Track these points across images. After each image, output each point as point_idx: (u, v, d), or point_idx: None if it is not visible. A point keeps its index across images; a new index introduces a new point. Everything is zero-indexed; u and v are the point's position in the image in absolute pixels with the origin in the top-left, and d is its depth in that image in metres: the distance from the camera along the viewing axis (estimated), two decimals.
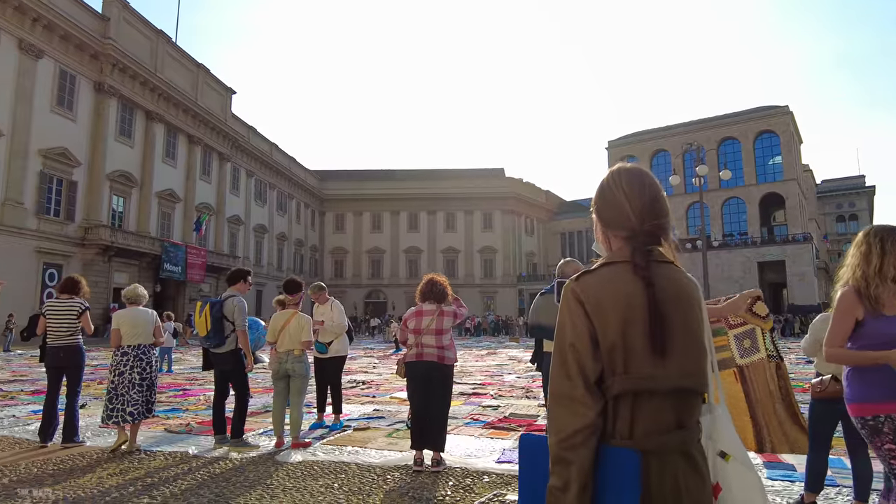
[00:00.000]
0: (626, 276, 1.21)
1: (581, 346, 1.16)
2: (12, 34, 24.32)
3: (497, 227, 57.76)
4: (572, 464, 1.09)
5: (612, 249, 1.31)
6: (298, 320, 5.17)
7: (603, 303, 1.18)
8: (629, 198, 1.29)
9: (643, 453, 1.11)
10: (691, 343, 1.21)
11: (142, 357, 5.15)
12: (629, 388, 1.14)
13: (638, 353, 1.16)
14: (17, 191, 24.23)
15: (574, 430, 1.11)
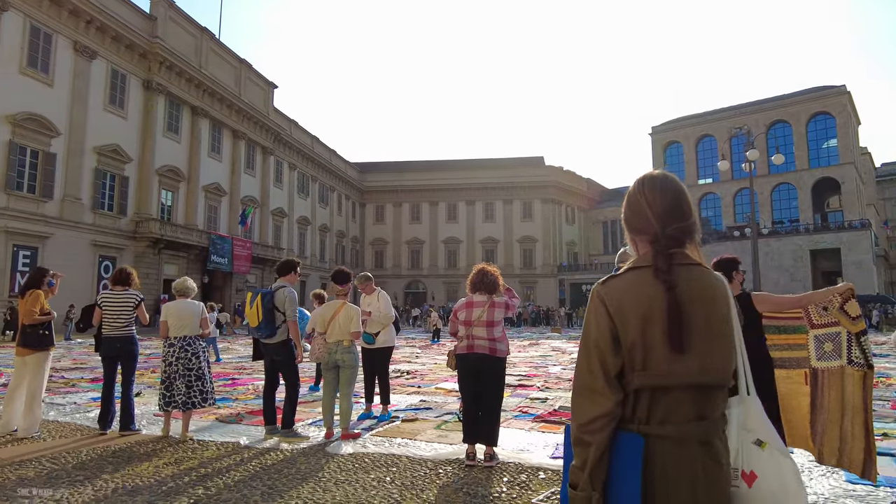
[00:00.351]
0: (648, 280, 1.29)
1: (603, 344, 1.27)
2: (68, 37, 25.26)
3: (537, 217, 57.03)
4: (590, 445, 1.23)
5: (639, 254, 1.39)
6: (348, 311, 5.12)
7: (625, 305, 1.27)
8: (651, 204, 1.36)
9: (661, 440, 1.22)
10: (714, 341, 1.28)
11: (187, 348, 5.21)
12: (647, 384, 1.25)
13: (657, 352, 1.25)
14: (75, 187, 25.27)
15: (593, 417, 1.24)
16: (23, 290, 5.46)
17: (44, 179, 23.83)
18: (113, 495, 3.48)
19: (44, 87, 24.18)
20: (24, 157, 23.22)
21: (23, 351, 5.29)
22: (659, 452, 1.21)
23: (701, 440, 1.24)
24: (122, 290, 5.50)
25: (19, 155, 22.95)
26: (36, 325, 5.32)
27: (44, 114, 23.87)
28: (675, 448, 1.22)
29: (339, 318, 5.09)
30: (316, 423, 5.77)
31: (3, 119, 22.27)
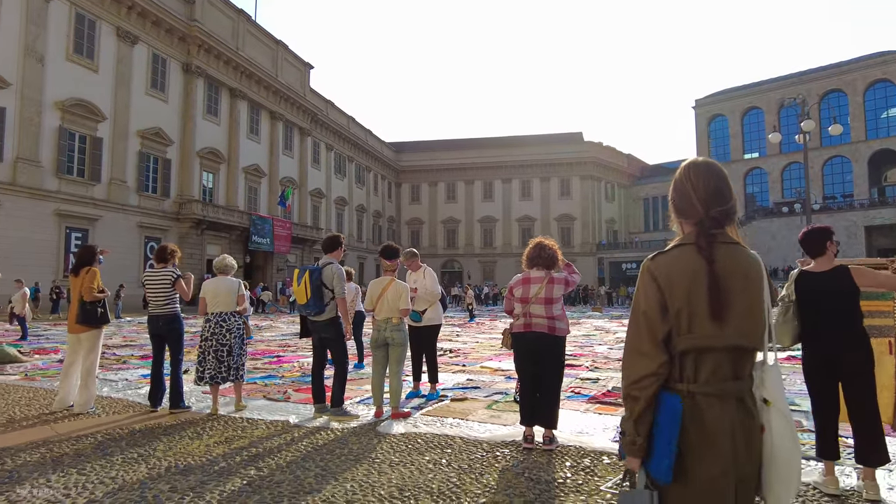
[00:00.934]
0: (692, 256, 1.47)
1: (651, 312, 1.45)
2: (111, 23, 25.70)
3: (575, 194, 55.96)
4: (638, 400, 1.44)
5: (683, 233, 1.55)
6: (396, 287, 4.95)
7: (672, 277, 1.45)
8: (696, 189, 1.52)
9: (706, 397, 1.41)
10: (748, 309, 1.45)
11: (221, 324, 5.16)
12: (692, 346, 1.43)
13: (700, 318, 1.43)
14: (121, 170, 25.92)
15: (642, 376, 1.44)
16: (76, 268, 5.47)
17: (92, 163, 24.50)
18: (166, 474, 3.41)
19: (89, 73, 24.72)
20: (73, 142, 23.88)
21: (79, 328, 5.32)
22: (705, 407, 1.41)
23: (737, 397, 1.44)
24: (162, 267, 5.47)
25: (69, 140, 23.61)
26: (94, 303, 5.35)
27: (90, 99, 24.44)
28: (717, 403, 1.41)
29: (387, 294, 4.92)
30: (364, 401, 5.66)
31: (54, 105, 22.89)
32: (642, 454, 1.45)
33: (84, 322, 5.30)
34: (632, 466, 1.47)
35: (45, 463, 3.63)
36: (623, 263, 53.95)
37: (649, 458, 1.45)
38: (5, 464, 3.62)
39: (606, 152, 58.55)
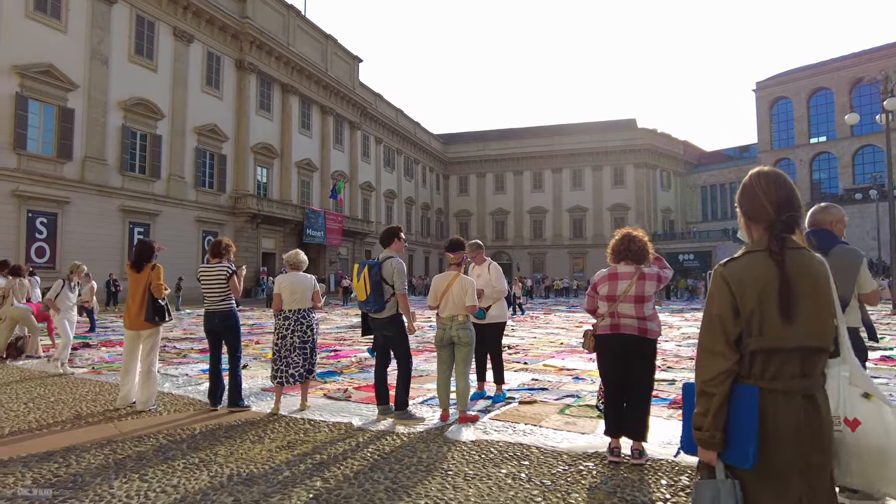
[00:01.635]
0: (763, 261, 1.57)
1: (724, 315, 1.57)
2: (168, 23, 26.42)
3: (629, 183, 54.26)
4: (714, 396, 1.54)
5: (752, 238, 1.66)
6: (462, 283, 4.62)
7: (744, 282, 1.56)
8: (767, 195, 1.63)
9: (772, 393, 1.52)
10: (817, 311, 1.55)
11: (301, 321, 4.99)
12: (762, 347, 1.54)
13: (770, 320, 1.53)
14: (179, 166, 26.71)
15: (716, 374, 1.55)
16: (137, 263, 5.37)
17: (152, 160, 25.32)
18: (228, 484, 3.21)
19: (149, 72, 25.51)
20: (135, 140, 24.72)
21: (143, 325, 5.24)
22: (770, 402, 1.51)
23: (804, 394, 1.52)
24: (217, 262, 5.32)
25: (131, 138, 24.45)
26: (159, 299, 5.29)
27: (150, 98, 25.23)
28: (783, 399, 1.51)
29: (452, 291, 4.60)
30: (428, 401, 5.38)
31: (117, 105, 23.74)
32: (721, 448, 1.54)
33: (151, 319, 5.23)
34: (708, 459, 1.56)
35: (107, 466, 3.51)
36: (680, 255, 51.98)
37: (729, 449, 1.54)
38: (70, 465, 3.52)
39: (661, 139, 56.47)
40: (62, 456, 3.71)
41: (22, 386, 6.26)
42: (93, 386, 6.32)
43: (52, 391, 5.97)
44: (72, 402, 5.46)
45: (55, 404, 5.32)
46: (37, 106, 20.86)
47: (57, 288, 7.69)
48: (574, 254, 54.27)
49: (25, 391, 5.98)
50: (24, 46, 20.33)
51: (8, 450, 3.86)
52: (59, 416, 4.87)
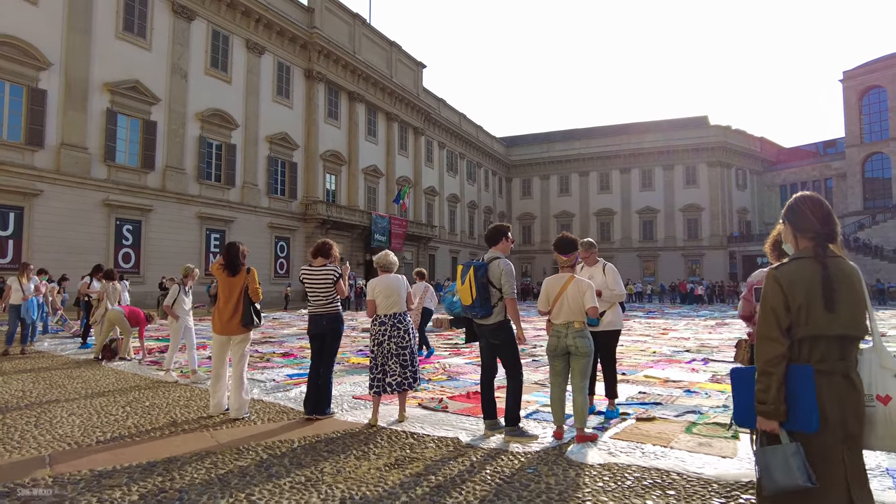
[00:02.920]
0: (809, 265, 1.93)
1: (777, 309, 1.91)
2: (241, 36, 27.35)
3: (702, 182, 51.71)
4: (773, 375, 1.88)
5: (798, 248, 2.03)
6: (578, 285, 4.14)
7: (793, 282, 1.91)
8: (813, 212, 2.01)
9: (817, 373, 1.86)
10: (853, 306, 1.90)
11: (398, 326, 4.68)
12: (808, 334, 1.89)
13: (815, 313, 1.88)
14: (252, 174, 27.54)
15: (773, 356, 1.90)
16: (231, 266, 5.17)
17: (227, 168, 26.21)
18: None
19: (224, 84, 26.45)
20: (211, 150, 25.66)
21: (237, 330, 5.08)
22: (818, 380, 1.86)
23: (843, 374, 1.89)
24: (322, 264, 5.10)
25: (207, 148, 25.40)
26: (253, 304, 5.13)
27: (225, 108, 26.15)
28: (828, 378, 1.86)
29: (566, 294, 4.13)
30: (532, 415, 4.93)
31: (195, 116, 24.72)
32: (784, 417, 1.87)
33: (248, 323, 5.06)
34: (771, 428, 1.88)
35: (211, 483, 3.27)
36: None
37: (792, 417, 1.87)
38: (174, 479, 3.31)
39: (736, 136, 53.57)
40: (164, 468, 3.52)
41: (118, 389, 6.29)
42: (184, 390, 6.27)
43: (146, 395, 5.95)
44: (166, 406, 5.38)
45: (150, 409, 5.25)
46: (124, 120, 21.99)
47: (174, 293, 7.47)
48: (644, 257, 52.25)
49: (122, 394, 5.98)
50: (113, 65, 21.49)
51: (111, 457, 3.72)
52: (156, 421, 4.77)
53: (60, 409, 5.17)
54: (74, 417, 4.86)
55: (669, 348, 10.59)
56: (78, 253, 19.09)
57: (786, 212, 2.08)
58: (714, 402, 5.62)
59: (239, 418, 4.87)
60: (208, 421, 4.82)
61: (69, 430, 4.45)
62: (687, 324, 17.62)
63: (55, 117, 19.65)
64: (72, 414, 5.00)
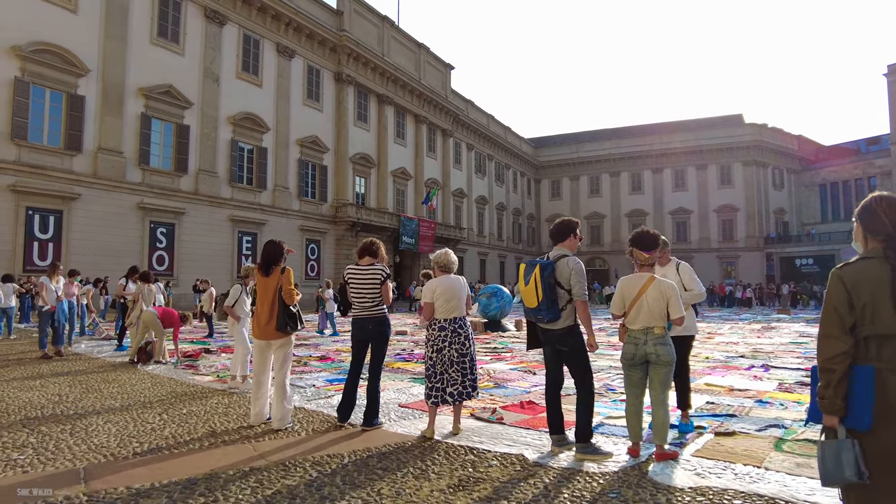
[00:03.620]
0: (877, 265, 1.95)
1: (841, 308, 1.95)
2: (272, 40, 27.46)
3: (737, 182, 50.23)
4: (834, 371, 1.93)
5: (867, 248, 2.03)
6: (660, 288, 3.70)
7: (858, 282, 1.94)
8: (886, 214, 1.99)
9: (884, 371, 1.87)
10: None
11: (458, 332, 4.31)
12: (875, 333, 1.91)
13: (882, 311, 1.89)
14: (283, 177, 27.59)
15: (834, 354, 1.94)
16: (265, 265, 4.90)
17: (258, 172, 26.29)
18: None
19: (255, 88, 26.56)
20: (242, 153, 25.78)
21: (275, 334, 4.74)
22: (887, 378, 1.86)
23: None
24: (369, 263, 4.77)
25: (238, 151, 25.51)
26: (293, 306, 4.81)
27: (256, 112, 26.24)
28: (893, 376, 1.86)
29: (646, 297, 3.70)
30: (597, 428, 4.48)
31: (226, 120, 24.86)
32: (842, 413, 1.93)
33: (283, 327, 4.71)
34: (831, 424, 1.95)
35: None
36: (797, 259, 47.43)
37: (848, 415, 1.92)
38: (217, 501, 3.00)
39: (772, 134, 51.92)
40: (206, 486, 3.21)
41: (154, 394, 6.07)
42: (221, 396, 6.01)
43: (182, 402, 5.70)
44: (204, 414, 5.11)
45: (188, 417, 4.98)
46: (158, 124, 22.19)
47: (235, 294, 7.19)
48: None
49: (158, 400, 5.75)
50: (148, 70, 21.72)
51: (148, 473, 3.44)
52: (194, 431, 4.49)
53: (96, 417, 4.94)
54: (110, 426, 4.62)
55: (721, 353, 10.01)
56: (114, 255, 19.26)
57: (859, 211, 2.08)
58: (793, 414, 5.11)
59: (282, 429, 4.55)
60: (249, 431, 4.52)
61: (105, 439, 4.21)
62: (731, 327, 16.87)
63: (93, 122, 19.91)
64: (108, 422, 4.76)
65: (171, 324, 8.89)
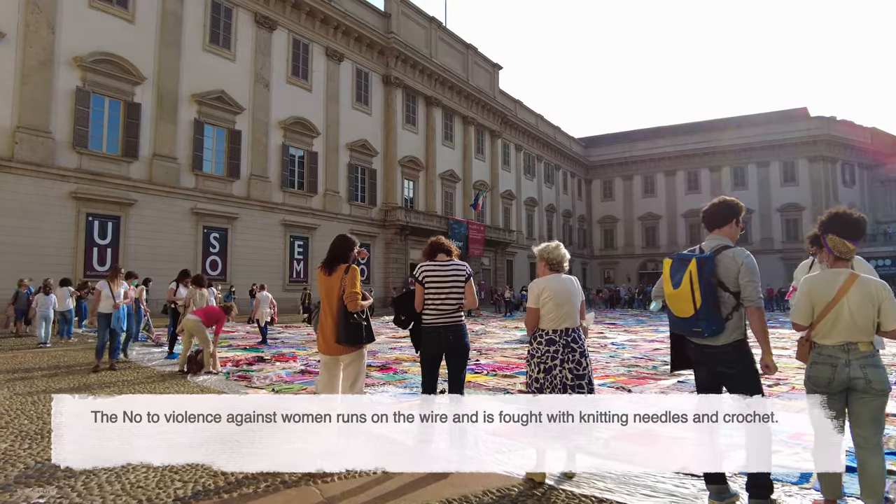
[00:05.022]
0: None
1: None
2: (320, 43, 27.27)
3: (802, 179, 47.28)
4: None
5: None
6: (865, 288, 2.71)
7: None
8: None
9: None
10: None
11: (572, 346, 3.41)
12: None
13: None
14: (334, 181, 27.32)
15: None
16: (329, 263, 4.08)
17: (309, 176, 26.07)
18: None
19: (305, 92, 26.39)
20: (293, 158, 25.61)
21: (339, 349, 3.94)
22: None
23: None
24: (445, 259, 3.94)
25: (289, 156, 25.36)
26: (359, 313, 3.97)
27: (306, 116, 26.06)
28: None
29: (847, 301, 2.71)
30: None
31: (277, 125, 24.74)
32: None
33: (347, 341, 3.88)
34: None
35: None
36: (871, 260, 43.94)
37: None
38: None
39: (842, 127, 48.65)
40: None
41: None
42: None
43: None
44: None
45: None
46: (211, 129, 22.21)
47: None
48: None
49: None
50: (200, 76, 21.77)
51: None
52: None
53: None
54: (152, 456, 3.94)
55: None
56: (169, 261, 19.23)
57: None
58: None
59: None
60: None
61: (143, 475, 3.52)
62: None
63: (148, 129, 20.02)
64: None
65: (214, 320, 8.32)
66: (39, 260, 16.70)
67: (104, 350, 8.37)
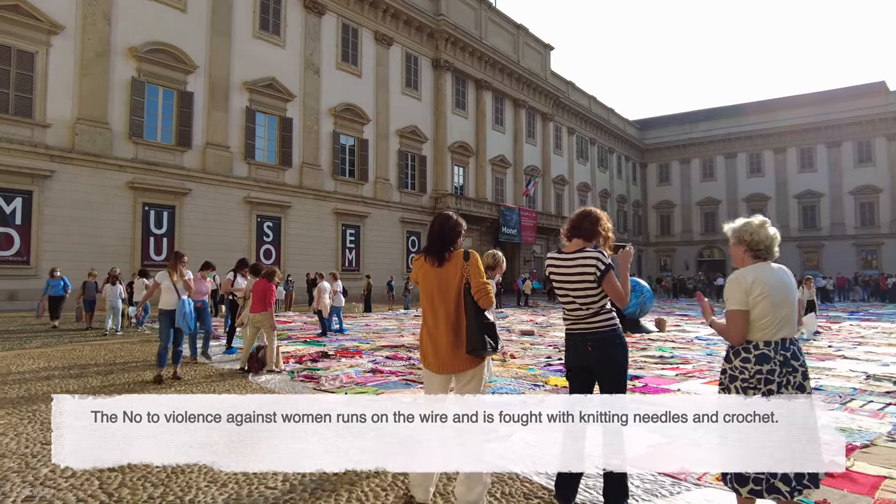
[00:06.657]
0: None
1: None
2: (370, 28, 26.69)
3: (879, 159, 43.94)
4: None
5: None
6: None
7: None
8: None
9: None
10: None
11: (793, 364, 2.49)
12: None
13: None
14: (384, 169, 26.83)
15: None
16: (437, 251, 3.07)
17: (360, 164, 25.65)
18: None
19: (354, 78, 25.91)
20: (344, 145, 25.22)
21: (465, 363, 2.98)
22: None
23: None
24: (578, 248, 3.04)
25: (340, 143, 24.97)
26: (488, 312, 3.02)
27: (356, 103, 25.59)
28: None
29: None
30: None
31: (328, 112, 24.36)
32: None
33: (484, 348, 2.94)
34: None
35: None
36: None
37: None
38: None
39: None
40: None
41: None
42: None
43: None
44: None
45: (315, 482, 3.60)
46: (262, 118, 22.00)
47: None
48: (806, 248, 45.43)
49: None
50: (251, 64, 21.55)
51: None
52: (332, 499, 3.11)
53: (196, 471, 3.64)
54: (213, 488, 3.34)
55: None
56: (224, 250, 19.16)
57: None
58: None
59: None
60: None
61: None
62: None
63: (201, 118, 19.95)
64: (210, 480, 3.46)
65: (269, 296, 7.81)
66: (100, 251, 16.83)
67: (167, 354, 6.93)
